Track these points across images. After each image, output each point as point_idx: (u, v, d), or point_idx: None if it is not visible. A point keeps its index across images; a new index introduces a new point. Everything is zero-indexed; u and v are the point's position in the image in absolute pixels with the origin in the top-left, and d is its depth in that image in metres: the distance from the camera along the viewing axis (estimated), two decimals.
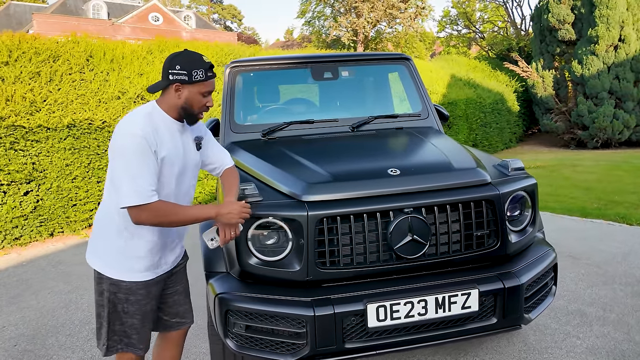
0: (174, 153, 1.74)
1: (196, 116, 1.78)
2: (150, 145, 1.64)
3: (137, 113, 1.71)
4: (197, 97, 1.73)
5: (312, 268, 1.91)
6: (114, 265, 1.75)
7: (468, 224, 2.04)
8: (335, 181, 2.02)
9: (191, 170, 1.87)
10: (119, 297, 1.75)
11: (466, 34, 24.97)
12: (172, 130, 1.76)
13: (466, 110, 11.26)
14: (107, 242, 1.76)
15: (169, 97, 1.75)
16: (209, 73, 1.73)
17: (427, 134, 2.86)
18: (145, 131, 1.64)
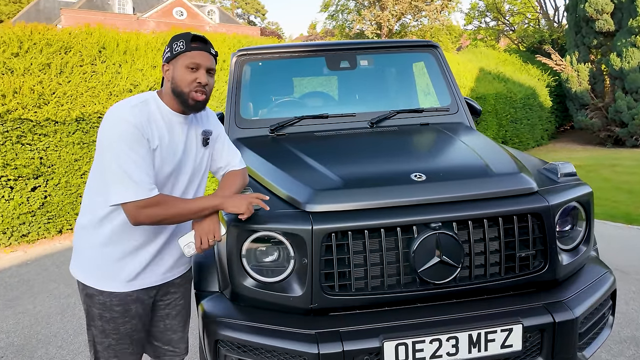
0: (168, 149, 1.48)
1: (188, 97, 1.48)
2: (144, 134, 1.39)
3: (128, 100, 1.47)
4: (182, 72, 1.46)
5: (318, 293, 1.58)
6: (88, 270, 1.50)
7: (510, 242, 1.67)
8: (347, 187, 1.68)
9: (190, 171, 1.59)
10: (94, 312, 1.49)
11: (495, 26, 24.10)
12: (170, 123, 1.51)
13: (495, 106, 10.70)
14: (86, 245, 1.51)
15: (164, 84, 1.53)
16: (192, 44, 1.46)
17: (457, 131, 2.48)
18: (137, 118, 1.39)
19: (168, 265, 1.61)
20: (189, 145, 1.56)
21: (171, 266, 1.61)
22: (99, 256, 1.46)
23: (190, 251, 1.53)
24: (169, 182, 1.50)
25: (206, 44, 1.50)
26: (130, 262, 1.49)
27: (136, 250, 1.49)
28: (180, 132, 1.52)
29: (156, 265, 1.58)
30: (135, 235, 1.48)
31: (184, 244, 1.53)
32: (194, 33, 1.49)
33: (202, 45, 1.48)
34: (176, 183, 1.54)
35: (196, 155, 1.59)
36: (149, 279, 1.56)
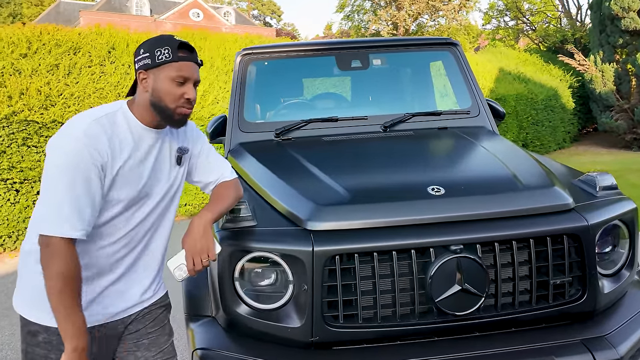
0: (133, 170, 1.27)
1: (174, 113, 1.27)
2: (92, 158, 1.17)
3: (93, 111, 1.26)
4: (167, 85, 1.25)
5: (319, 325, 1.38)
6: (32, 303, 1.27)
7: (542, 267, 1.45)
8: (354, 202, 1.48)
9: (162, 192, 1.37)
10: (37, 353, 1.28)
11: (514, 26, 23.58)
12: (139, 138, 1.29)
13: (516, 107, 10.35)
14: (31, 273, 1.28)
15: (139, 94, 1.29)
16: (179, 52, 1.25)
17: (478, 136, 2.26)
18: (92, 137, 1.18)
19: (131, 300, 1.38)
20: (160, 164, 1.35)
21: (135, 301, 1.39)
22: (43, 286, 1.26)
23: (182, 274, 1.33)
24: (134, 203, 1.30)
25: (193, 53, 1.29)
26: (82, 294, 1.24)
27: (91, 281, 1.29)
28: (150, 149, 1.32)
29: (116, 299, 1.35)
30: (89, 263, 1.27)
31: (174, 267, 1.34)
32: (180, 39, 1.27)
33: (189, 54, 1.28)
34: (144, 203, 1.33)
35: (169, 175, 1.38)
36: (106, 314, 1.34)
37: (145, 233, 1.35)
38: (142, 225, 1.33)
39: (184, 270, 1.33)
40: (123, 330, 1.39)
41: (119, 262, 1.32)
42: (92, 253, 1.27)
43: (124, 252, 1.32)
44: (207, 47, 6.75)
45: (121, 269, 1.34)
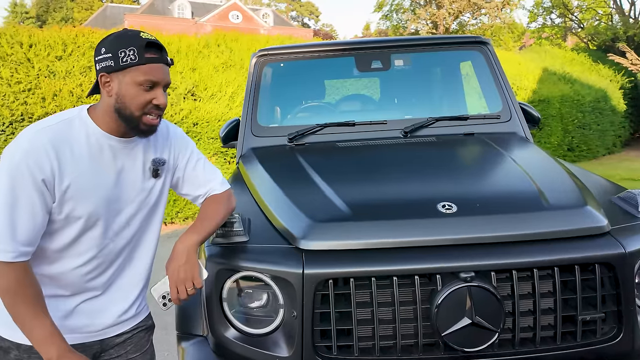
0: (86, 185, 1.15)
1: (139, 122, 1.16)
2: (32, 172, 1.07)
3: (42, 122, 1.16)
4: (133, 90, 1.12)
5: (310, 356, 1.24)
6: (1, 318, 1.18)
7: (569, 299, 1.26)
8: (353, 220, 1.33)
9: (134, 207, 1.25)
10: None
11: (561, 23, 22.53)
12: (98, 149, 1.17)
13: (561, 109, 9.81)
14: None
15: (102, 98, 1.17)
16: (146, 54, 1.12)
17: (507, 144, 2.06)
18: (36, 147, 1.08)
19: (109, 319, 1.28)
20: (126, 176, 1.22)
21: (114, 322, 1.29)
22: None
23: (167, 303, 1.23)
24: (98, 220, 1.18)
25: (162, 52, 1.16)
26: (54, 311, 1.17)
27: (64, 298, 1.20)
28: (112, 160, 1.19)
29: (92, 318, 1.26)
30: (61, 281, 1.19)
31: (158, 295, 1.23)
32: (147, 37, 1.13)
33: (158, 55, 1.14)
34: (112, 220, 1.22)
35: (142, 188, 1.26)
36: (82, 333, 1.25)
37: (120, 251, 1.25)
38: (115, 243, 1.23)
39: (168, 299, 1.23)
40: (100, 353, 1.30)
41: (93, 281, 1.23)
42: (65, 274, 1.19)
43: (98, 271, 1.23)
44: (237, 48, 6.74)
45: (98, 288, 1.25)
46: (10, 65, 5.01)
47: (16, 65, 5.05)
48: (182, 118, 5.63)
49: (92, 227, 1.18)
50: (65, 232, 1.15)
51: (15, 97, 4.76)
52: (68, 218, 1.14)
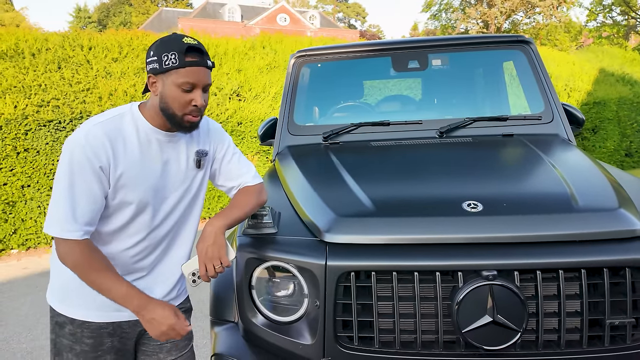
0: (137, 175, 1.26)
1: (181, 120, 1.26)
2: (92, 161, 1.19)
3: (98, 116, 1.28)
4: (174, 92, 1.22)
5: (331, 345, 1.29)
6: (60, 296, 1.35)
7: (597, 303, 1.23)
8: (377, 215, 1.36)
9: (177, 196, 1.36)
10: (63, 343, 1.34)
11: (622, 21, 21.29)
12: (147, 141, 1.29)
13: (618, 112, 9.30)
14: (60, 269, 1.35)
15: (150, 96, 1.29)
16: (187, 57, 1.21)
17: (546, 146, 2.02)
18: (93, 140, 1.20)
19: (154, 297, 1.38)
20: (172, 167, 1.33)
21: (159, 299, 1.38)
22: (71, 281, 1.30)
23: (197, 280, 1.32)
24: (147, 206, 1.30)
25: (203, 56, 1.25)
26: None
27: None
28: (159, 152, 1.30)
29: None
30: (113, 261, 1.31)
31: (188, 272, 1.32)
32: (188, 42, 1.22)
33: (198, 58, 1.23)
34: (159, 207, 1.33)
35: (184, 177, 1.36)
36: (128, 312, 1.33)
37: (164, 236, 1.36)
38: (160, 228, 1.34)
39: (197, 276, 1.31)
40: (144, 332, 1.41)
41: (140, 263, 1.35)
42: (117, 255, 1.31)
43: (145, 253, 1.34)
44: (281, 50, 6.88)
45: (143, 269, 1.36)
46: (71, 67, 5.37)
47: (77, 67, 5.41)
48: (227, 117, 5.82)
49: (141, 212, 1.29)
50: (118, 216, 1.27)
51: (75, 96, 5.10)
52: (121, 203, 1.26)
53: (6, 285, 4.01)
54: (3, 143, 4.67)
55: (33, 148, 4.81)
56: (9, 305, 3.57)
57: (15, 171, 4.75)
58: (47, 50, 5.40)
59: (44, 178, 4.88)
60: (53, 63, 5.30)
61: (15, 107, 4.73)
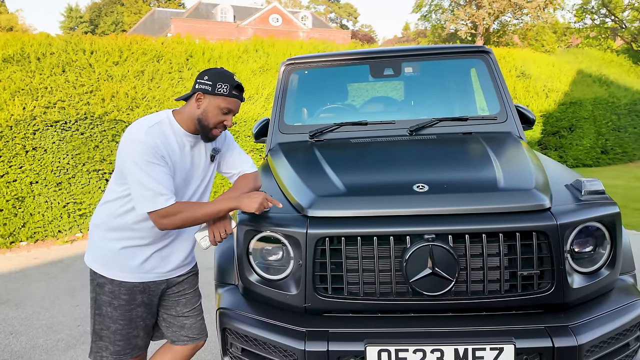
0: (177, 166, 1.67)
1: (210, 131, 1.69)
2: (157, 150, 1.58)
3: (145, 121, 1.67)
4: (215, 111, 1.66)
5: (311, 294, 1.67)
6: (101, 261, 1.72)
7: (511, 259, 1.62)
8: (346, 195, 1.75)
9: (198, 181, 1.78)
10: (103, 299, 1.72)
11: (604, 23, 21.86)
12: (182, 142, 1.70)
13: (594, 112, 9.78)
14: (100, 241, 1.74)
15: (189, 107, 1.70)
16: (234, 91, 1.65)
17: (495, 142, 2.41)
18: (152, 139, 1.59)
19: (173, 264, 1.80)
20: (196, 160, 1.74)
21: (176, 266, 1.80)
22: (111, 250, 1.68)
23: (206, 243, 1.72)
24: (178, 191, 1.68)
25: (241, 92, 1.68)
26: (137, 256, 1.70)
27: (144, 247, 1.70)
28: (189, 150, 1.71)
29: (162, 263, 1.76)
30: (143, 235, 1.69)
31: (200, 238, 1.72)
32: (237, 81, 1.66)
33: (240, 95, 1.67)
34: (186, 191, 1.74)
35: (203, 169, 1.78)
36: (155, 273, 1.75)
37: None
38: None
39: (207, 241, 1.70)
40: (165, 290, 1.79)
41: (167, 234, 1.73)
42: (149, 228, 1.69)
43: None
44: (273, 53, 7.25)
45: (167, 240, 1.75)
46: (75, 70, 5.70)
47: (80, 70, 5.74)
48: None
49: (175, 195, 1.66)
50: None
51: (80, 98, 5.44)
52: None
53: (20, 273, 4.35)
54: (13, 142, 5.00)
55: (41, 147, 5.14)
56: (25, 290, 3.92)
57: (24, 168, 5.08)
58: (52, 55, 5.72)
59: (51, 175, 5.21)
60: (57, 67, 5.63)
61: (23, 109, 5.06)
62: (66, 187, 5.32)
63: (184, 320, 1.86)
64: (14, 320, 3.31)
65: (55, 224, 5.32)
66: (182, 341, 1.86)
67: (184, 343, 1.87)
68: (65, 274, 4.27)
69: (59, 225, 5.34)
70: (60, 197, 5.29)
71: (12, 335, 3.09)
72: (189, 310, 1.87)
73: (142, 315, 1.75)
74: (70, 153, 5.27)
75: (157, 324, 1.88)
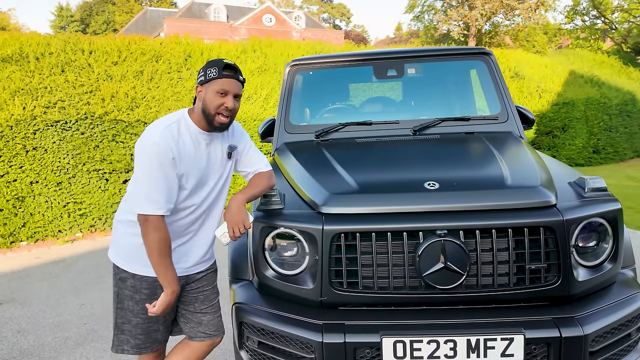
0: (192, 163, 1.70)
1: (213, 118, 1.70)
2: (167, 155, 1.61)
3: (163, 120, 1.71)
4: (212, 96, 1.68)
5: (327, 288, 1.73)
6: (124, 257, 1.77)
7: (520, 253, 1.69)
8: (360, 193, 1.81)
9: (215, 179, 1.81)
10: (125, 294, 1.76)
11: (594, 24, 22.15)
12: (197, 140, 1.73)
13: (586, 112, 9.94)
14: (123, 237, 1.79)
15: (196, 104, 1.75)
16: (224, 72, 1.67)
17: (498, 141, 2.48)
18: (165, 140, 1.62)
19: (193, 260, 1.84)
20: (212, 158, 1.77)
21: (196, 262, 1.84)
22: (133, 245, 1.72)
23: (227, 239, 1.77)
24: (197, 188, 1.73)
25: (236, 72, 1.70)
26: None
27: None
28: (205, 148, 1.74)
29: (182, 258, 1.81)
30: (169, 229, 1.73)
31: (220, 234, 1.77)
32: (226, 61, 1.68)
33: (232, 73, 1.68)
34: (203, 188, 1.77)
35: (220, 166, 1.81)
36: (175, 268, 1.76)
37: (205, 210, 1.80)
38: (203, 204, 1.78)
39: (227, 237, 1.75)
40: (185, 286, 1.83)
41: (187, 230, 1.78)
42: (171, 224, 1.73)
43: (191, 223, 1.78)
44: (271, 53, 7.29)
45: (188, 235, 1.79)
46: (74, 70, 5.71)
47: (79, 70, 5.75)
48: None
49: (193, 193, 1.72)
50: (177, 197, 1.69)
51: (80, 98, 5.45)
52: (181, 187, 1.69)
53: (22, 272, 4.36)
54: (13, 142, 5.00)
55: (41, 147, 5.14)
56: (29, 289, 3.93)
57: (24, 168, 5.08)
58: (50, 55, 5.72)
59: (51, 175, 5.22)
60: (57, 67, 5.62)
61: (24, 109, 5.06)
62: (66, 187, 5.33)
63: (202, 316, 1.90)
64: (20, 319, 3.33)
65: (56, 223, 5.33)
66: (199, 337, 1.91)
67: (201, 339, 1.91)
68: (67, 273, 4.29)
69: (59, 225, 5.35)
70: (61, 197, 5.30)
71: (20, 334, 3.11)
72: (207, 307, 1.91)
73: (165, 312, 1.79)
74: (71, 153, 5.28)
75: (176, 320, 1.92)
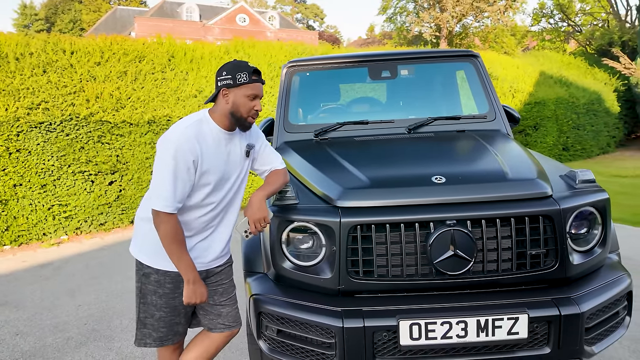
0: (214, 164, 1.77)
1: (245, 120, 1.79)
2: (186, 155, 1.67)
3: (184, 121, 1.77)
4: (243, 100, 1.76)
5: (344, 277, 1.84)
6: (147, 253, 1.83)
7: (521, 240, 1.84)
8: (373, 187, 1.92)
9: (234, 177, 1.88)
10: (149, 289, 1.82)
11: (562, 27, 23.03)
12: (218, 139, 1.80)
13: (556, 111, 10.38)
14: (146, 234, 1.84)
15: (219, 104, 1.80)
16: (253, 77, 1.76)
17: (490, 138, 2.64)
18: (186, 140, 1.69)
19: (214, 254, 1.91)
20: (232, 157, 1.85)
21: (216, 256, 1.91)
22: (158, 242, 1.77)
23: (249, 234, 1.86)
24: (218, 186, 1.80)
25: (260, 76, 1.79)
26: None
27: (188, 238, 1.81)
28: (225, 146, 1.82)
29: (204, 253, 1.88)
30: (187, 226, 1.80)
31: (242, 230, 1.85)
32: (253, 66, 1.77)
33: (260, 78, 1.78)
34: (223, 186, 1.84)
35: (239, 164, 1.88)
36: (197, 263, 1.85)
37: (224, 207, 1.87)
38: (223, 201, 1.85)
39: (249, 231, 1.83)
40: (204, 279, 1.90)
41: (207, 226, 1.85)
42: (193, 221, 1.80)
43: (211, 219, 1.85)
44: (254, 54, 7.34)
45: (208, 231, 1.86)
46: (56, 71, 5.62)
47: (62, 70, 5.66)
48: None
49: (214, 190, 1.79)
50: (199, 193, 1.77)
51: (64, 99, 5.37)
52: (202, 185, 1.77)
53: (10, 276, 4.29)
54: None
55: (25, 148, 5.06)
56: (21, 292, 3.88)
57: (7, 171, 4.98)
58: (31, 55, 5.61)
59: (35, 177, 5.13)
60: (38, 67, 5.53)
61: (6, 110, 4.96)
62: (51, 189, 5.25)
63: (221, 309, 1.97)
64: (17, 322, 3.31)
65: (40, 226, 5.24)
66: (219, 329, 1.98)
67: (220, 330, 1.98)
68: (57, 276, 4.25)
69: (43, 228, 5.26)
70: (45, 200, 5.22)
71: (19, 336, 3.09)
72: (226, 299, 1.99)
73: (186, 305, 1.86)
74: (55, 154, 5.21)
75: (195, 312, 1.99)
